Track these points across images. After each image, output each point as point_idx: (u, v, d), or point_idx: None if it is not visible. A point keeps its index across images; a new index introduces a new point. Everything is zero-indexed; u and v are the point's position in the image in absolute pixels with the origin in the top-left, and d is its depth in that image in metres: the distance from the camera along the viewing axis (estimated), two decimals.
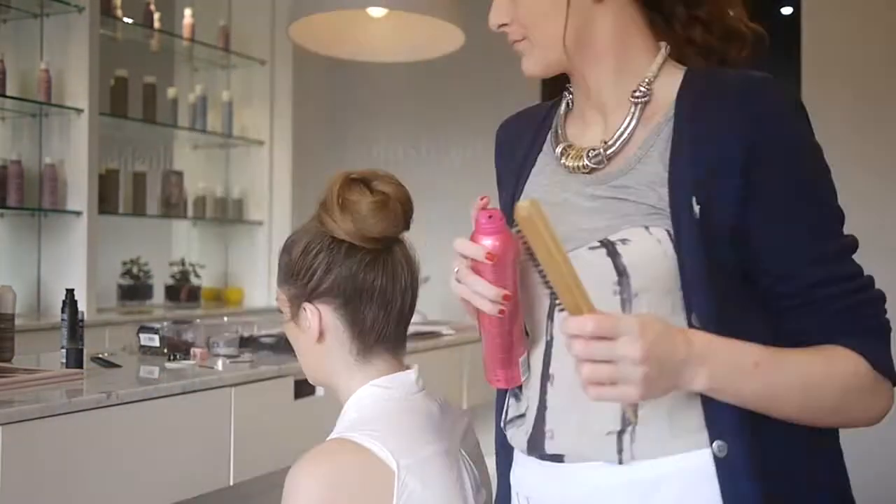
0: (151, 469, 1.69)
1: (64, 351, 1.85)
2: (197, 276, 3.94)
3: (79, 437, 1.54)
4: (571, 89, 1.17)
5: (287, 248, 1.23)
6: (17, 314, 2.01)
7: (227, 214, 4.17)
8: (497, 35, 1.15)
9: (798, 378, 0.95)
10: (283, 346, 2.23)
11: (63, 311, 1.88)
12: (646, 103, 1.06)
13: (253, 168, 4.23)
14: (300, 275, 1.20)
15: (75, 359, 1.83)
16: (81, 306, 1.96)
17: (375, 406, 1.19)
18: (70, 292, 1.92)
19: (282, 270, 1.23)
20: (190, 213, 4.04)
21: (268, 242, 4.17)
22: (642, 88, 1.06)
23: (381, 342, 1.22)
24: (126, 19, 3.61)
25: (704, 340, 0.92)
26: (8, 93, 3.23)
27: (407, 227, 1.24)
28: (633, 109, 1.06)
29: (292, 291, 1.22)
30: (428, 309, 3.38)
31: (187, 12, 3.95)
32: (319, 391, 2.14)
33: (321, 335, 1.20)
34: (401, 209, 1.20)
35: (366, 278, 1.19)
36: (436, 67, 3.66)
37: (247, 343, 2.19)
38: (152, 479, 1.69)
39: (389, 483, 1.11)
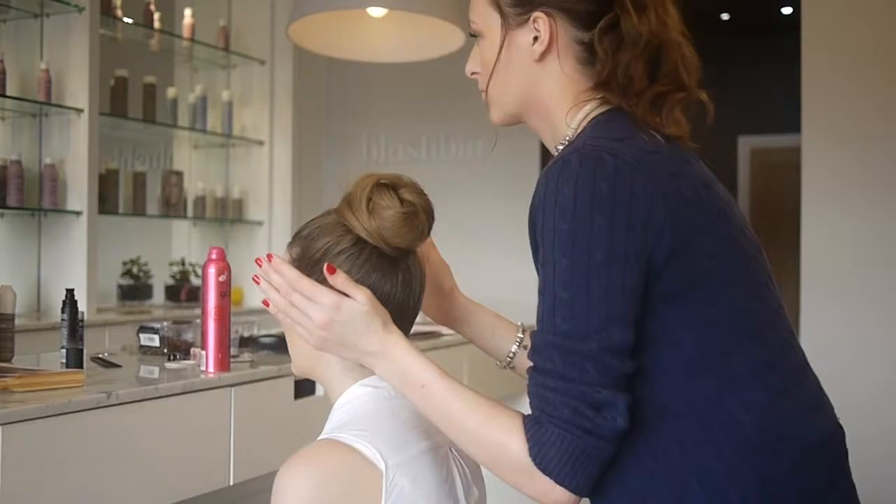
0: (151, 469, 1.69)
1: (64, 351, 1.85)
2: (197, 276, 3.94)
3: (79, 437, 1.54)
4: None
5: (304, 240, 1.21)
6: (17, 314, 2.01)
7: (227, 214, 4.17)
8: None
9: (450, 419, 1.05)
10: (283, 346, 2.23)
11: (63, 311, 1.88)
12: None
13: (253, 168, 4.23)
14: (316, 272, 1.18)
15: (75, 359, 1.83)
16: (81, 306, 1.96)
17: (364, 406, 1.19)
18: (70, 292, 1.92)
19: (294, 262, 1.21)
20: (190, 213, 4.04)
21: (268, 242, 4.17)
22: (561, 144, 1.12)
23: None
24: (126, 19, 3.61)
25: (392, 346, 1.09)
26: (8, 93, 3.23)
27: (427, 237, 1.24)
28: None
29: None
30: None
31: (187, 12, 3.95)
32: (319, 391, 2.14)
33: None
34: (426, 221, 1.20)
35: (383, 284, 1.18)
36: (436, 67, 3.66)
37: (247, 343, 2.19)
38: (152, 479, 1.69)
39: (378, 483, 1.11)
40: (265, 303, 1.14)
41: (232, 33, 4.13)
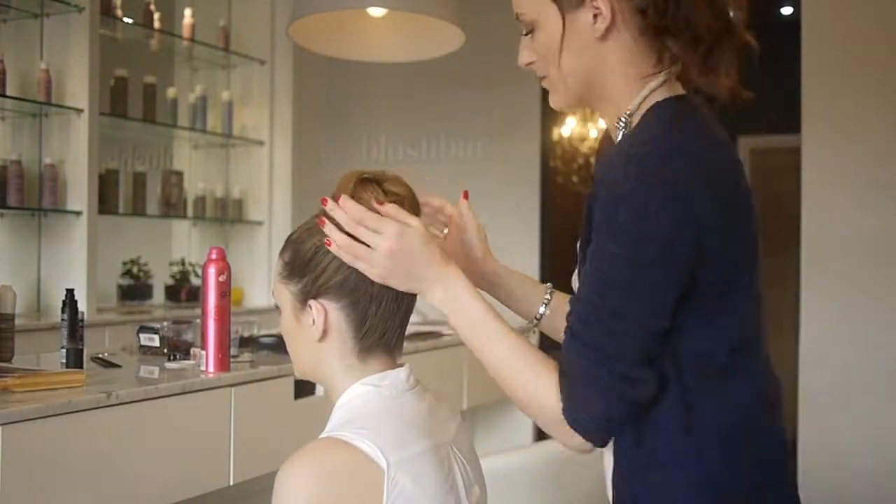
0: (151, 469, 1.69)
1: (64, 351, 1.85)
2: (197, 276, 3.94)
3: (79, 437, 1.54)
4: None
5: (294, 244, 1.23)
6: (17, 314, 2.01)
7: (227, 214, 4.17)
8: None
9: (493, 361, 1.13)
10: (283, 346, 2.22)
11: (63, 311, 1.88)
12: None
13: (253, 168, 4.23)
14: (308, 271, 1.20)
15: (75, 359, 1.83)
16: (81, 306, 1.96)
17: (366, 404, 1.20)
18: (70, 292, 1.91)
19: (287, 266, 1.22)
20: (190, 213, 4.04)
21: (268, 242, 4.17)
22: (623, 121, 1.13)
23: (383, 343, 1.22)
24: (126, 19, 3.61)
25: (454, 277, 1.16)
26: (8, 93, 3.23)
27: None
28: (620, 136, 1.13)
29: (297, 287, 1.21)
30: (428, 309, 3.38)
31: (187, 12, 3.95)
32: (319, 391, 2.14)
33: (325, 333, 1.20)
34: (411, 212, 1.21)
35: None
36: (436, 67, 3.66)
37: (247, 343, 2.19)
38: (152, 479, 1.69)
39: (379, 481, 1.11)
40: (327, 243, 1.17)
41: (232, 33, 4.13)
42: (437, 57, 3.16)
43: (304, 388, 2.09)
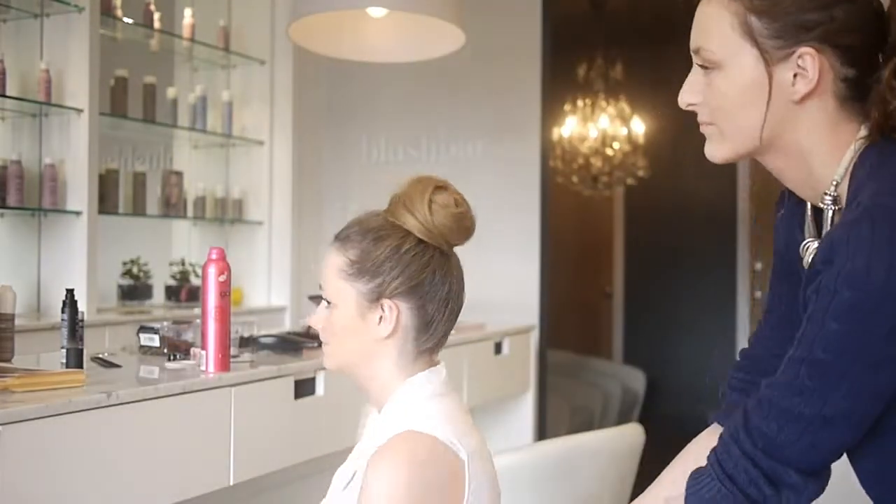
0: (151, 469, 1.69)
1: (64, 351, 1.85)
2: (197, 276, 3.94)
3: (79, 437, 1.54)
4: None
5: (362, 243, 1.25)
6: (17, 314, 2.01)
7: (227, 214, 4.17)
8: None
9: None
10: (282, 346, 2.23)
11: (63, 311, 1.88)
12: (839, 208, 1.03)
13: (253, 168, 4.23)
14: (383, 273, 1.23)
15: (75, 359, 1.83)
16: (81, 306, 1.96)
17: (428, 399, 1.25)
18: (70, 292, 1.91)
19: (355, 265, 1.25)
20: (190, 213, 4.03)
21: (268, 242, 4.17)
22: (830, 196, 1.03)
23: (440, 343, 1.28)
24: (126, 19, 3.61)
25: None
26: (8, 93, 3.22)
27: None
28: (830, 214, 1.04)
29: (369, 286, 1.24)
30: None
31: (187, 12, 3.95)
32: (319, 391, 2.14)
33: (393, 331, 1.24)
34: (473, 220, 1.28)
35: (445, 281, 1.25)
36: (436, 67, 3.65)
37: (247, 343, 2.19)
38: (152, 479, 1.69)
39: (461, 470, 1.17)
40: None
41: (232, 33, 4.13)
42: (437, 57, 3.16)
43: (304, 388, 2.09)
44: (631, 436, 2.52)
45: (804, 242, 1.11)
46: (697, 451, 1.18)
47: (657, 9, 5.28)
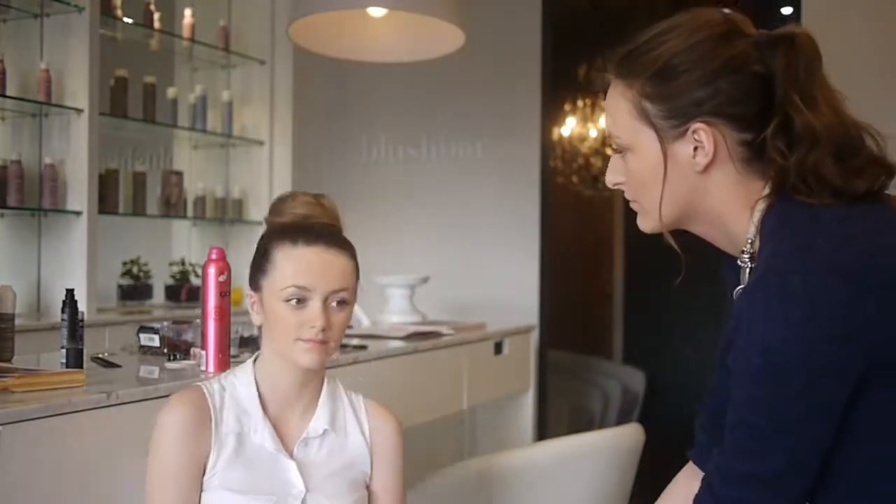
0: None
1: (64, 351, 1.85)
2: (197, 276, 3.94)
3: (79, 437, 1.54)
4: None
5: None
6: (17, 314, 2.01)
7: (227, 214, 4.17)
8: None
9: None
10: None
11: (63, 311, 1.88)
12: (755, 266, 1.08)
13: (253, 168, 4.23)
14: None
15: (75, 359, 1.83)
16: (81, 306, 1.95)
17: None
18: (70, 292, 1.91)
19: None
20: (190, 213, 4.03)
21: None
22: (747, 253, 1.09)
23: None
24: (126, 19, 3.61)
25: None
26: (8, 93, 3.23)
27: None
28: (746, 272, 1.10)
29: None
30: (428, 309, 3.38)
31: (187, 12, 3.95)
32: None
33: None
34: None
35: None
36: (436, 67, 3.65)
37: (247, 343, 2.19)
38: None
39: None
40: None
41: (232, 33, 4.13)
42: (437, 57, 3.16)
43: None
44: (631, 436, 2.52)
45: (735, 290, 1.17)
46: (677, 500, 1.29)
47: (657, 9, 5.28)
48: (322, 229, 1.52)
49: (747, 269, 1.10)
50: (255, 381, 1.51)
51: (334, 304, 1.46)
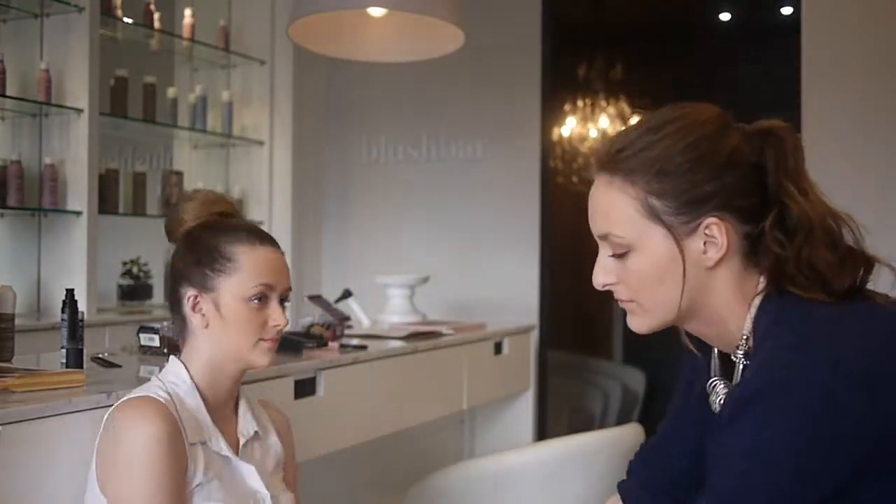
0: None
1: (64, 351, 1.85)
2: None
3: (79, 437, 1.54)
4: None
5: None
6: (17, 314, 2.00)
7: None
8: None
9: None
10: (282, 346, 2.22)
11: (63, 311, 1.88)
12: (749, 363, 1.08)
13: (253, 168, 4.23)
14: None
15: (75, 359, 1.83)
16: (81, 306, 1.95)
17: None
18: (70, 292, 1.91)
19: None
20: None
21: None
22: (742, 349, 1.09)
23: None
24: (126, 19, 3.61)
25: None
26: (8, 93, 3.23)
27: None
28: (741, 367, 1.10)
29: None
30: (428, 309, 3.38)
31: (187, 12, 3.95)
32: (320, 391, 2.13)
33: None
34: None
35: None
36: (436, 67, 3.65)
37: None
38: None
39: None
40: None
41: (232, 33, 4.13)
42: (438, 57, 3.16)
43: (304, 388, 2.09)
44: (631, 436, 2.53)
45: (711, 381, 1.16)
46: None
47: (657, 8, 5.28)
48: (261, 230, 1.53)
49: (742, 365, 1.09)
50: (195, 387, 1.47)
51: (284, 302, 1.47)
